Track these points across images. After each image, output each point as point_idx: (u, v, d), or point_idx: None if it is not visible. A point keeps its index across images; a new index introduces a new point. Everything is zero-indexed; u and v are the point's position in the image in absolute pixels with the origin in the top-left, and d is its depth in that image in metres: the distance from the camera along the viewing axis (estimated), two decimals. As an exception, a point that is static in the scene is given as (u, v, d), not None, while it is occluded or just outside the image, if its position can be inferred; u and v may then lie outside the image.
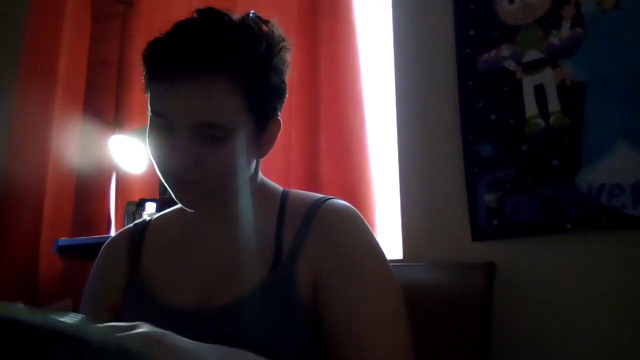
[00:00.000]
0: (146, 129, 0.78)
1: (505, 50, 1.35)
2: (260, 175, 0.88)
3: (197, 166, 0.73)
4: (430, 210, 1.44)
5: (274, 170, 1.60)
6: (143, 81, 0.78)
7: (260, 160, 0.86)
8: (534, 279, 1.27)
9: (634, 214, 1.15)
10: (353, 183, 1.55)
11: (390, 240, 1.55)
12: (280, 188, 0.89)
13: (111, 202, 2.26)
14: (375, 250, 0.81)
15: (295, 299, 0.76)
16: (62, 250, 1.98)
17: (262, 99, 0.77)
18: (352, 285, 0.76)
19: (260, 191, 0.86)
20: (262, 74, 0.76)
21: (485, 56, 1.38)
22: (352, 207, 0.84)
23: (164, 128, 0.74)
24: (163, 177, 0.78)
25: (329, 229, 0.80)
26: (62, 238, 2.04)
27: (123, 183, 2.21)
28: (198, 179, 0.75)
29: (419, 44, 1.53)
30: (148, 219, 0.95)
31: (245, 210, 0.83)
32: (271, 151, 0.85)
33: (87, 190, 2.23)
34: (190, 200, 0.78)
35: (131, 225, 0.94)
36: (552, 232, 1.24)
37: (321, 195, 0.86)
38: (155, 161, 0.77)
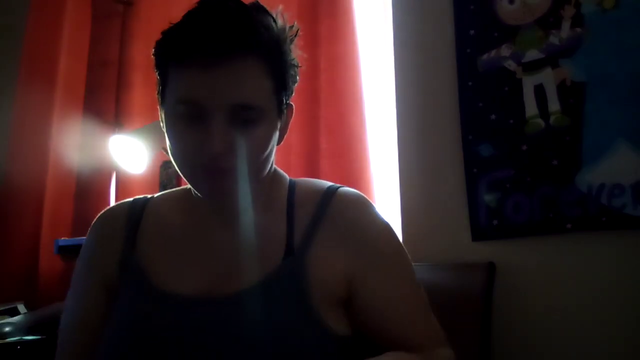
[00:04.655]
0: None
1: (505, 50, 1.35)
2: (274, 164, 0.86)
3: (232, 153, 0.71)
4: (430, 210, 1.44)
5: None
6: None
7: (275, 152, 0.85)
8: (534, 279, 1.27)
9: (634, 214, 1.15)
10: (353, 183, 1.54)
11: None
12: (287, 176, 0.89)
13: (111, 202, 2.26)
14: (393, 234, 0.85)
15: (308, 286, 0.75)
16: (62, 250, 1.98)
17: (284, 80, 0.77)
18: (378, 270, 0.79)
19: (273, 178, 0.85)
20: (283, 52, 0.76)
21: (485, 56, 1.38)
22: (362, 194, 0.86)
23: (193, 117, 0.71)
24: (191, 169, 0.74)
25: (348, 217, 0.81)
26: (62, 238, 2.04)
27: (123, 183, 2.20)
28: (232, 166, 0.72)
29: (419, 44, 1.53)
30: (149, 196, 0.90)
31: (256, 199, 0.81)
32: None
33: (87, 190, 2.23)
34: (225, 189, 0.74)
35: (131, 199, 0.90)
36: (552, 232, 1.24)
37: (330, 183, 0.86)
38: (181, 154, 0.74)
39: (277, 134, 0.79)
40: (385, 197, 1.59)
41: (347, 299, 0.79)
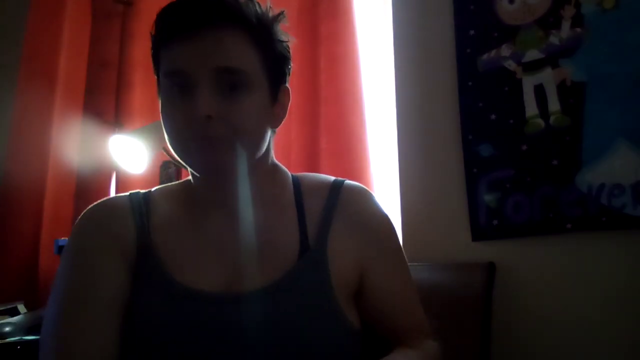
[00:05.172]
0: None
1: (505, 50, 1.35)
2: (274, 156, 0.86)
3: (221, 120, 0.71)
4: (430, 210, 1.44)
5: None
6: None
7: (273, 141, 0.85)
8: (534, 279, 1.27)
9: (634, 214, 1.15)
10: (353, 183, 1.55)
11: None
12: (288, 171, 0.88)
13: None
14: (394, 226, 0.87)
15: (329, 279, 0.76)
16: (62, 250, 1.97)
17: (272, 55, 0.78)
18: (386, 263, 0.83)
19: (274, 172, 0.85)
20: (266, 27, 0.77)
21: (485, 56, 1.38)
22: (365, 187, 0.89)
23: (181, 90, 0.72)
24: (182, 143, 0.73)
25: (356, 208, 0.83)
26: (62, 238, 2.04)
27: (123, 183, 2.21)
28: (223, 135, 0.72)
29: (419, 44, 1.53)
30: (143, 191, 0.86)
31: (262, 192, 0.81)
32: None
33: (87, 190, 2.23)
34: (217, 161, 0.73)
35: (126, 193, 0.86)
36: (552, 232, 1.24)
37: (333, 177, 0.88)
38: (172, 129, 0.74)
39: (270, 114, 0.79)
40: (386, 197, 1.59)
41: (357, 289, 0.81)
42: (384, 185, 1.60)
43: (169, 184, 0.90)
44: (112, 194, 2.24)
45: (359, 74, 1.60)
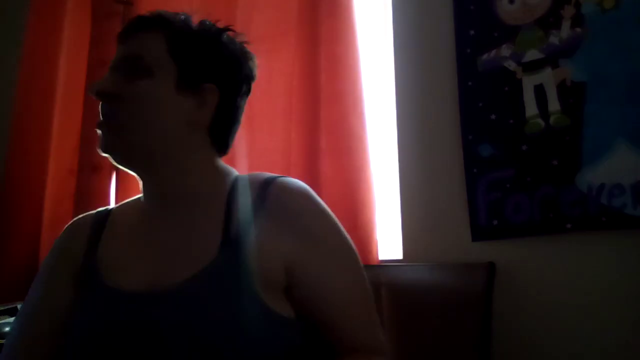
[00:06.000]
0: None
1: (505, 50, 1.35)
2: (218, 159, 0.91)
3: (116, 101, 0.82)
4: (430, 210, 1.44)
5: (274, 170, 1.60)
6: None
7: (206, 141, 0.89)
8: (534, 279, 1.27)
9: (634, 214, 1.15)
10: (353, 183, 1.54)
11: (390, 240, 1.55)
12: (236, 172, 0.92)
13: (111, 202, 2.26)
14: (332, 220, 0.85)
15: (248, 273, 0.76)
16: (62, 250, 1.97)
17: (184, 48, 0.85)
18: (319, 257, 0.81)
19: (213, 172, 0.89)
20: (187, 29, 0.88)
21: (485, 56, 1.38)
22: (304, 184, 0.88)
23: None
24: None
25: (286, 204, 0.82)
26: (62, 238, 2.03)
27: (123, 183, 2.21)
28: (115, 114, 0.82)
29: (419, 43, 1.53)
30: (110, 207, 0.97)
31: (195, 191, 0.86)
32: (271, 151, 0.87)
33: (87, 190, 2.23)
34: (107, 143, 0.83)
35: (95, 211, 0.97)
36: (552, 232, 1.24)
37: (272, 174, 0.88)
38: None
39: (179, 108, 0.84)
40: (385, 197, 1.59)
41: (288, 286, 0.80)
42: (384, 185, 1.60)
43: (133, 197, 0.96)
44: (112, 194, 2.25)
45: (359, 74, 1.60)
